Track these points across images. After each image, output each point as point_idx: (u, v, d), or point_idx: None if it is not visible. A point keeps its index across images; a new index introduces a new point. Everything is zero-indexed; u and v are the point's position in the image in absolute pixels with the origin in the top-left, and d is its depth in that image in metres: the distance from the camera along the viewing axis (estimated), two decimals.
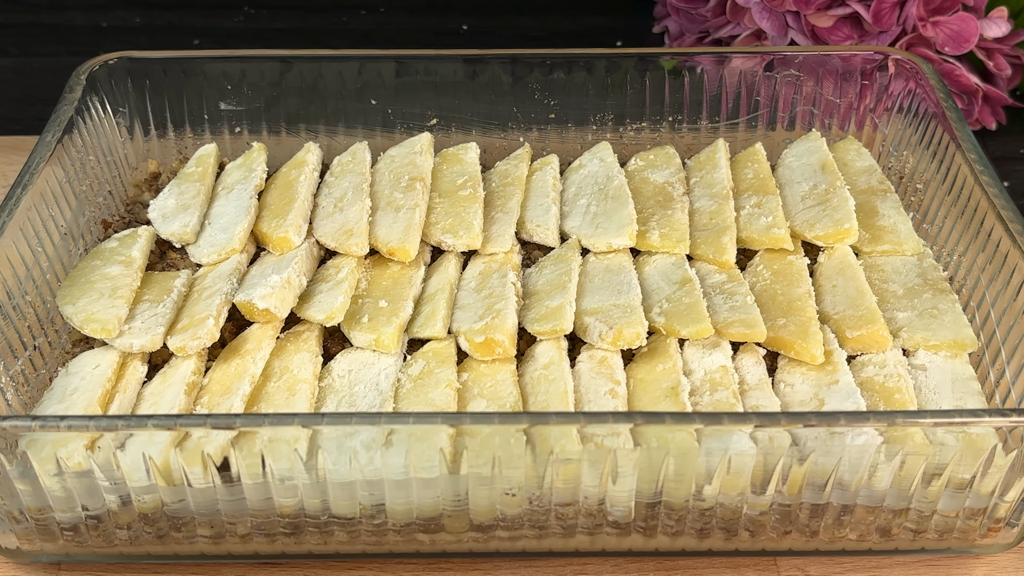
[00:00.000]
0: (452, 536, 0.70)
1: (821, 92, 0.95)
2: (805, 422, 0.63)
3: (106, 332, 0.76)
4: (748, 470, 0.65)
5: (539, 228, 0.86)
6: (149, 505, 0.67)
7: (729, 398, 0.73)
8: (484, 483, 0.66)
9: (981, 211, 0.80)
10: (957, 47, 1.02)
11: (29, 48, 1.26)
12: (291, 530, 0.69)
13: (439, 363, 0.76)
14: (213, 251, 0.84)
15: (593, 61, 0.94)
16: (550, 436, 0.65)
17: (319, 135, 0.96)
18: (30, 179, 0.80)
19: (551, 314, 0.78)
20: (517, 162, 0.93)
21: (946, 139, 0.86)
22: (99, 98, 0.92)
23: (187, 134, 0.96)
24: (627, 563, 0.72)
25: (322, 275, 0.83)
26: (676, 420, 0.64)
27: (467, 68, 0.94)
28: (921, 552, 0.71)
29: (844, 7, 1.01)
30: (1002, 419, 0.63)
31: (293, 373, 0.75)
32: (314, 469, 0.65)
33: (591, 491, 0.67)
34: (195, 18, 1.31)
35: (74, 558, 0.71)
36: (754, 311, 0.78)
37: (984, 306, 0.78)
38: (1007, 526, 0.70)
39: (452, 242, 0.84)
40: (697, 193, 0.90)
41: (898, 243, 0.85)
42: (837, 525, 0.69)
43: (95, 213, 0.88)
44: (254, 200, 0.88)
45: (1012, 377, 0.74)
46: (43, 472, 0.65)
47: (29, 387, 0.75)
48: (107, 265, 0.82)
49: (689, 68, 0.94)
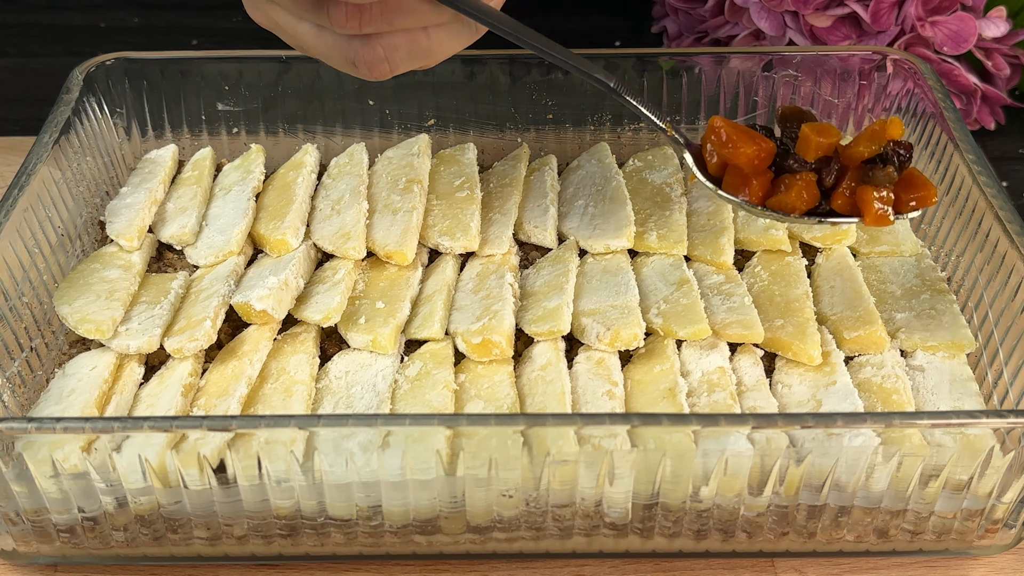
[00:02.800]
0: (449, 537, 0.70)
1: (819, 92, 0.95)
2: (802, 423, 0.63)
3: (100, 333, 0.76)
4: (745, 471, 0.65)
5: (537, 229, 0.86)
6: (145, 507, 0.67)
7: (727, 399, 0.72)
8: (481, 484, 0.66)
9: (979, 211, 0.80)
10: (956, 47, 1.01)
11: (27, 48, 1.26)
12: (288, 532, 0.69)
13: (436, 364, 0.76)
14: (211, 253, 0.84)
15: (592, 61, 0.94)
16: (547, 437, 0.64)
17: (317, 136, 0.96)
18: (27, 180, 0.80)
19: (549, 315, 0.78)
20: (515, 163, 0.93)
21: (944, 139, 0.86)
22: (97, 99, 0.91)
23: (184, 135, 0.96)
24: (624, 564, 0.72)
25: (319, 276, 0.83)
26: (673, 421, 0.64)
27: (465, 68, 0.94)
28: (919, 553, 0.71)
29: (842, 7, 1.01)
30: (1000, 420, 0.63)
31: (290, 375, 0.75)
32: (311, 471, 0.65)
33: (588, 492, 0.66)
34: (193, 18, 1.30)
35: (71, 560, 0.71)
36: (752, 312, 0.78)
37: (982, 307, 0.78)
38: (1005, 527, 0.70)
39: (449, 244, 0.84)
40: (695, 193, 0.90)
41: (896, 244, 0.85)
42: (835, 526, 0.69)
43: (92, 214, 0.88)
44: (252, 202, 0.88)
45: (1010, 378, 0.73)
46: (39, 474, 0.65)
47: (26, 388, 0.75)
48: (106, 268, 0.82)
49: (687, 68, 0.94)
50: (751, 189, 0.72)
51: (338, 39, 0.68)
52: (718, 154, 0.73)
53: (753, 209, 0.72)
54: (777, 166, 0.73)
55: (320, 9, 0.66)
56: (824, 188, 0.72)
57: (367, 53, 0.67)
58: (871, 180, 0.70)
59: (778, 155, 0.73)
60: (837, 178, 0.71)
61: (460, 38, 0.69)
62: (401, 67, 0.69)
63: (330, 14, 0.66)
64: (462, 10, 0.66)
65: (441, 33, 0.68)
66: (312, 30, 0.68)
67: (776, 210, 0.72)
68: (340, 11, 0.65)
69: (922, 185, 0.71)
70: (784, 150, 0.73)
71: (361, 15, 0.65)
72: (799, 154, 0.72)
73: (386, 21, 0.66)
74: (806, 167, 0.71)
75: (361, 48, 0.67)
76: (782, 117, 0.74)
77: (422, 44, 0.68)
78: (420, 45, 0.68)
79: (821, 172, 0.72)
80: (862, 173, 0.71)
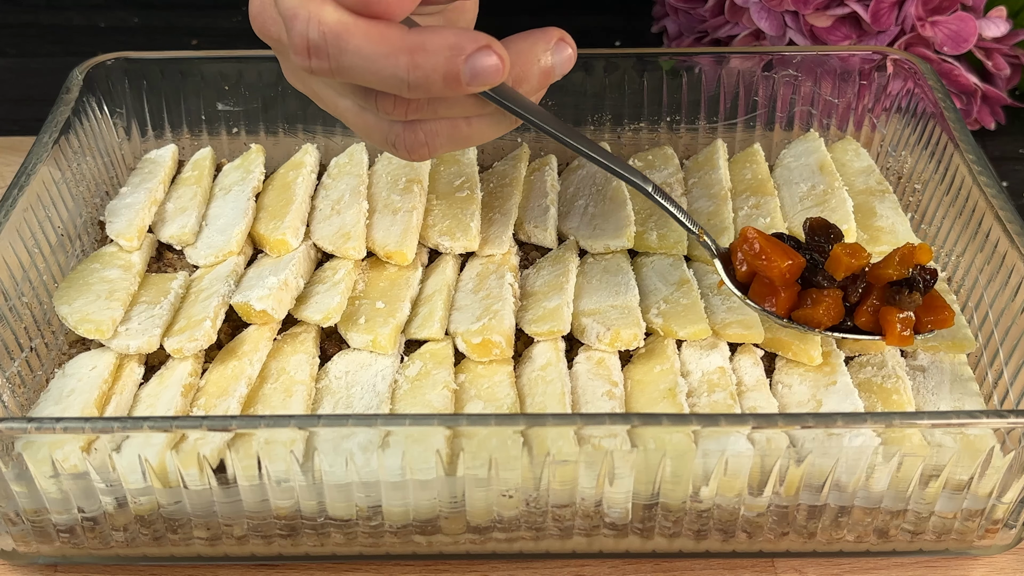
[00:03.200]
0: (449, 538, 0.70)
1: (819, 92, 0.95)
2: (802, 423, 0.63)
3: (100, 333, 0.76)
4: (745, 471, 0.65)
5: (537, 229, 0.86)
6: (145, 507, 0.67)
7: (727, 399, 0.72)
8: (481, 485, 0.66)
9: (979, 211, 0.80)
10: (956, 47, 1.01)
11: (27, 48, 1.26)
12: (288, 532, 0.69)
13: (436, 364, 0.76)
14: (210, 253, 0.84)
15: (591, 61, 0.94)
16: (547, 438, 0.64)
17: (317, 136, 0.96)
18: (27, 180, 0.80)
19: (549, 315, 0.78)
20: (515, 163, 0.93)
21: (944, 139, 0.86)
22: (96, 99, 0.91)
23: (184, 135, 0.96)
24: (624, 564, 0.72)
25: (319, 276, 0.83)
26: (673, 421, 0.64)
27: None
28: (919, 553, 0.71)
29: (842, 7, 1.01)
30: (1000, 420, 0.63)
31: (290, 375, 0.75)
32: (310, 471, 0.65)
33: (588, 493, 0.66)
34: (193, 18, 1.30)
35: (70, 560, 0.71)
36: (752, 312, 0.78)
37: (982, 307, 0.78)
38: (1005, 527, 0.70)
39: (449, 244, 0.84)
40: (695, 194, 0.90)
41: (896, 244, 0.85)
42: (835, 526, 0.69)
43: (92, 214, 0.88)
44: (252, 202, 0.88)
45: (1010, 378, 0.73)
46: (39, 474, 0.65)
47: (26, 389, 0.75)
48: (106, 268, 0.82)
49: (687, 68, 0.94)
50: (778, 301, 0.73)
51: (380, 121, 0.67)
52: (749, 264, 0.74)
53: (779, 320, 0.73)
54: (804, 279, 0.74)
55: (367, 94, 0.65)
56: (848, 304, 0.73)
57: (409, 137, 0.67)
58: (896, 303, 0.71)
59: (806, 269, 0.74)
60: (862, 296, 0.73)
61: (499, 127, 0.69)
62: (440, 151, 0.69)
63: (377, 101, 0.65)
64: (506, 107, 0.66)
65: (483, 123, 0.68)
66: (353, 107, 0.68)
67: (801, 323, 0.73)
68: (388, 101, 0.65)
69: (941, 308, 0.72)
70: (812, 264, 0.74)
71: (408, 105, 0.65)
72: (828, 271, 0.72)
73: (431, 111, 0.66)
74: (834, 284, 0.72)
75: (404, 132, 0.67)
76: (810, 229, 0.75)
77: (463, 132, 0.68)
78: (461, 132, 0.68)
79: (847, 289, 0.73)
80: (887, 294, 0.72)
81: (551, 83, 0.69)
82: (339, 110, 0.69)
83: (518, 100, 0.67)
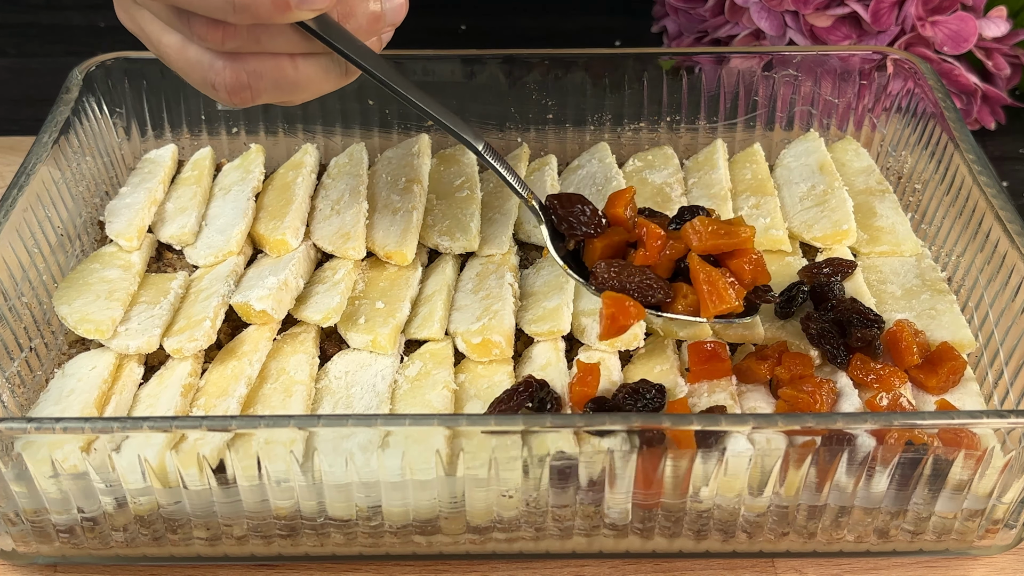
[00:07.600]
0: (449, 538, 0.69)
1: (819, 92, 0.95)
2: (802, 423, 0.63)
3: (100, 333, 0.76)
4: (745, 472, 0.65)
5: (537, 229, 0.86)
6: (145, 507, 0.67)
7: (727, 399, 0.72)
8: (480, 485, 0.66)
9: (979, 211, 0.80)
10: (956, 47, 1.01)
11: (27, 48, 1.26)
12: (287, 532, 0.69)
13: (436, 364, 0.75)
14: (210, 253, 0.84)
15: (591, 61, 0.94)
16: (547, 438, 0.64)
17: (317, 136, 0.96)
18: (26, 180, 0.80)
19: (548, 315, 0.78)
20: (515, 163, 0.93)
21: (944, 139, 0.86)
22: (96, 98, 0.91)
23: (184, 135, 0.96)
24: (624, 564, 0.72)
25: (319, 277, 0.83)
26: (673, 421, 0.64)
27: (465, 68, 0.94)
28: (919, 553, 0.71)
29: (843, 7, 1.01)
30: (1000, 420, 0.63)
31: (289, 375, 0.75)
32: (310, 471, 0.65)
33: (588, 493, 0.66)
34: None
35: (70, 560, 0.71)
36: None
37: (982, 307, 0.78)
38: (1005, 527, 0.69)
39: (449, 244, 0.84)
40: (695, 194, 0.90)
41: (896, 244, 0.85)
42: (835, 526, 0.69)
43: (92, 214, 0.88)
44: (251, 202, 0.87)
45: (1010, 378, 0.73)
46: (39, 474, 0.65)
47: (25, 389, 0.75)
48: (106, 268, 0.82)
49: (687, 68, 0.94)
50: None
51: (201, 56, 0.64)
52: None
53: (596, 293, 0.75)
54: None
55: (182, 17, 0.62)
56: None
57: (231, 77, 0.64)
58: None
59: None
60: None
61: (329, 77, 0.66)
62: (264, 96, 0.65)
63: (193, 25, 0.62)
64: (332, 46, 0.64)
65: (309, 66, 0.65)
66: (176, 43, 0.65)
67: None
68: (204, 24, 0.62)
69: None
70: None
71: (225, 29, 0.62)
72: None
73: (253, 39, 0.63)
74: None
75: (224, 70, 0.64)
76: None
77: (288, 75, 0.65)
78: (286, 75, 0.65)
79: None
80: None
81: (383, 30, 0.67)
82: (163, 47, 0.66)
83: (349, 42, 0.64)
